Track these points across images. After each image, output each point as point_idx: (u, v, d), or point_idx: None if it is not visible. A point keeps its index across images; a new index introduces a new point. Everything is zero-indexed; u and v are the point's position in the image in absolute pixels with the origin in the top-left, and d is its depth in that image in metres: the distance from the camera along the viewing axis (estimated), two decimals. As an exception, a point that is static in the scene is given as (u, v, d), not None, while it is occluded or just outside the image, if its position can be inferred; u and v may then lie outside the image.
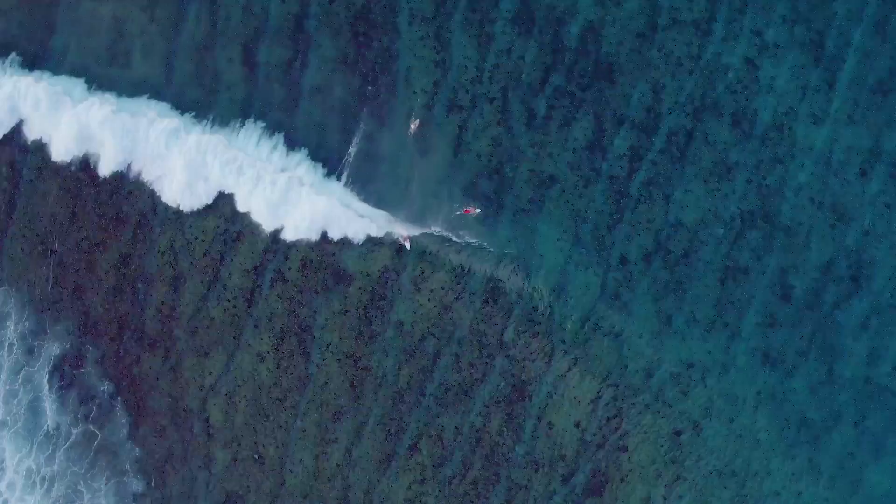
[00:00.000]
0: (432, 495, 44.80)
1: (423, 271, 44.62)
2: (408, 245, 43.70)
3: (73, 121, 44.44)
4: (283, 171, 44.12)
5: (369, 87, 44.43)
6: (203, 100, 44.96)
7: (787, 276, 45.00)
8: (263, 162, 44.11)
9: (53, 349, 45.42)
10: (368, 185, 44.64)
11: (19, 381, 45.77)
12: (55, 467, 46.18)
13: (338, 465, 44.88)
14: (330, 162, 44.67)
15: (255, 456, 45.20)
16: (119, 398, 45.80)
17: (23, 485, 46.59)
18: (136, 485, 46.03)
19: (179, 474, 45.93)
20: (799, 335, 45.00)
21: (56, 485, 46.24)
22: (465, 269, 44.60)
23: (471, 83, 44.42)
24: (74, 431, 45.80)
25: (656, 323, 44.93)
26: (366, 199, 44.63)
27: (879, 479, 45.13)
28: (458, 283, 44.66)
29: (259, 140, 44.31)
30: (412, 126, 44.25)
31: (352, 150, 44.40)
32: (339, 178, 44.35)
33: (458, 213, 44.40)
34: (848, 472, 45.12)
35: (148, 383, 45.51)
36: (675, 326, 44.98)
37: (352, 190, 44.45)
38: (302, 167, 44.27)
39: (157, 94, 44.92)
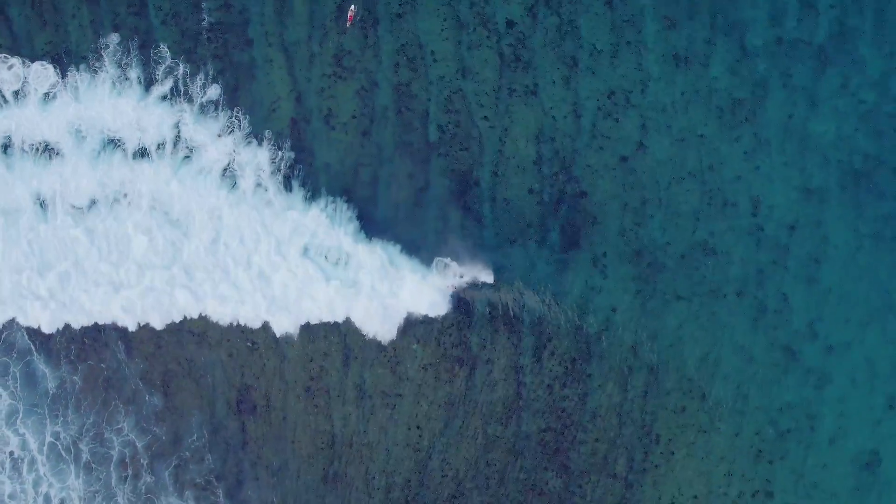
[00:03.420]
0: (425, 308, 45.48)
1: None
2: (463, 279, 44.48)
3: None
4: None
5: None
6: (54, 38, 44.05)
7: (667, -27, 45.18)
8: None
9: None
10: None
11: (1, 349, 45.01)
12: (72, 429, 45.96)
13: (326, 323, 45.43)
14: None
15: (249, 343, 45.57)
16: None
17: (52, 468, 46.43)
18: (155, 400, 45.83)
19: (185, 388, 46.24)
20: (700, 25, 45.29)
21: (82, 447, 46.13)
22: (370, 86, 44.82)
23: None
24: (77, 378, 45.27)
25: (564, 68, 45.12)
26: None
27: (825, 128, 45.93)
28: (365, 107, 44.83)
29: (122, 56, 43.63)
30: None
31: (204, 23, 43.99)
32: (207, 81, 43.99)
33: (346, 31, 44.14)
34: (793, 133, 45.88)
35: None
36: (582, 65, 45.13)
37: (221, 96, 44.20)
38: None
39: (10, 50, 43.92)
